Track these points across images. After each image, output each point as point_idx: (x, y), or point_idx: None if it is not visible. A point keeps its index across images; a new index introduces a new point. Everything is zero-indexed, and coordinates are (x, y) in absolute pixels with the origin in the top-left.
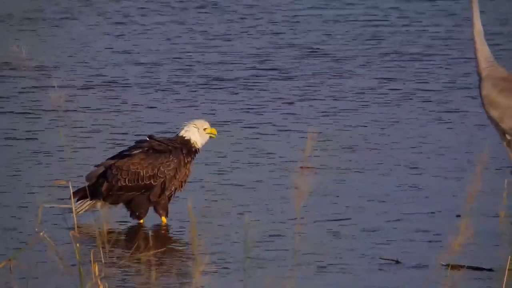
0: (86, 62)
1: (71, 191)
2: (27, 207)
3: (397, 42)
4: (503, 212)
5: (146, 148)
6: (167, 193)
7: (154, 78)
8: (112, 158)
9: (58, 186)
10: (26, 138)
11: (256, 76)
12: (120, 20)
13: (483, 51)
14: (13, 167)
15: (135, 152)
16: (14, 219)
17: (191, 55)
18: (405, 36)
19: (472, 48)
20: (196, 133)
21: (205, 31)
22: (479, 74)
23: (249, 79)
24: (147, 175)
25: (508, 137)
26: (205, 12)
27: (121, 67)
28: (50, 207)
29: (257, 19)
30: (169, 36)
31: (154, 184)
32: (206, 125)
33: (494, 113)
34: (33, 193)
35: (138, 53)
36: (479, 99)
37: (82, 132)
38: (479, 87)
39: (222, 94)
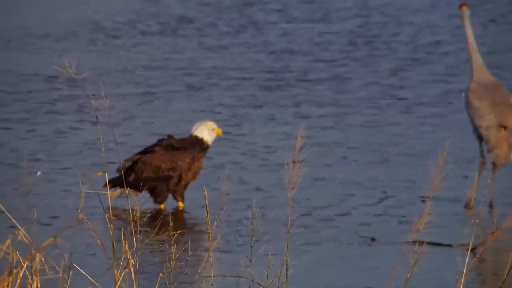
0: (124, 71)
1: (107, 181)
2: (69, 193)
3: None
4: (471, 198)
5: (165, 146)
6: (183, 182)
7: (177, 86)
8: (138, 153)
9: (96, 176)
10: (73, 136)
11: (259, 80)
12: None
13: (477, 61)
14: (59, 162)
15: (157, 149)
16: (58, 205)
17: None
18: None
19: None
20: (207, 132)
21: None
22: (471, 78)
23: (254, 82)
24: (167, 168)
25: (480, 132)
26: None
27: (154, 76)
28: (90, 192)
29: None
30: (200, 44)
31: (172, 175)
32: (214, 126)
33: (468, 111)
34: (73, 184)
35: (169, 60)
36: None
37: (117, 132)
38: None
39: (228, 96)
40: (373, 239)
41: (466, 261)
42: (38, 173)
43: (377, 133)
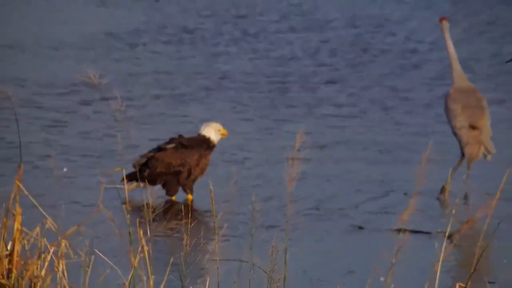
0: (142, 76)
1: (124, 175)
2: (91, 186)
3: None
4: (446, 191)
5: (176, 144)
6: (192, 177)
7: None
8: (152, 151)
9: (115, 172)
10: (101, 137)
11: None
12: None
13: (457, 69)
14: (83, 159)
15: (168, 146)
16: (81, 197)
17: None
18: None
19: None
20: (213, 132)
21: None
22: (452, 84)
23: (257, 87)
24: (177, 164)
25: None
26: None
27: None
28: (110, 186)
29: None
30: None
31: (182, 170)
32: (220, 127)
33: (446, 114)
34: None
35: (183, 66)
36: None
37: (134, 132)
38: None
39: (236, 98)
40: (360, 227)
41: (443, 247)
42: (65, 169)
43: (382, 132)
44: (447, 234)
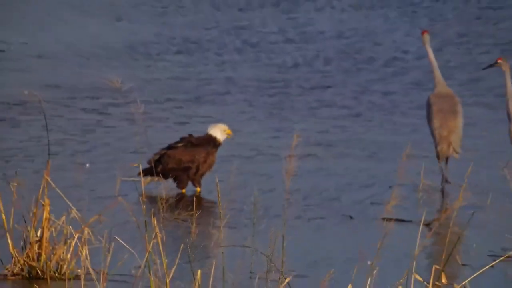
0: (157, 81)
1: (141, 170)
2: (111, 180)
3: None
4: (420, 185)
5: (186, 142)
6: (200, 172)
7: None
8: (164, 149)
9: (133, 167)
10: (123, 136)
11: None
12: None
13: (438, 77)
14: (104, 156)
15: (179, 145)
16: (102, 189)
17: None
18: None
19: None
20: (220, 132)
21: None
22: (434, 89)
23: (257, 94)
24: (187, 160)
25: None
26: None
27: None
28: (127, 180)
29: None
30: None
31: (191, 166)
32: (226, 127)
33: (426, 116)
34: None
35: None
36: None
37: (150, 132)
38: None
39: (242, 102)
40: (351, 217)
41: (419, 233)
42: (87, 165)
43: (380, 132)
44: (422, 222)
